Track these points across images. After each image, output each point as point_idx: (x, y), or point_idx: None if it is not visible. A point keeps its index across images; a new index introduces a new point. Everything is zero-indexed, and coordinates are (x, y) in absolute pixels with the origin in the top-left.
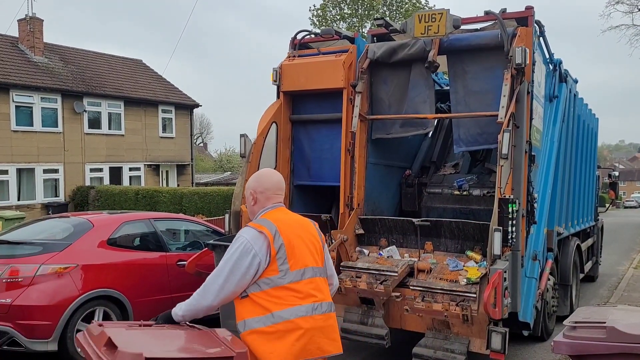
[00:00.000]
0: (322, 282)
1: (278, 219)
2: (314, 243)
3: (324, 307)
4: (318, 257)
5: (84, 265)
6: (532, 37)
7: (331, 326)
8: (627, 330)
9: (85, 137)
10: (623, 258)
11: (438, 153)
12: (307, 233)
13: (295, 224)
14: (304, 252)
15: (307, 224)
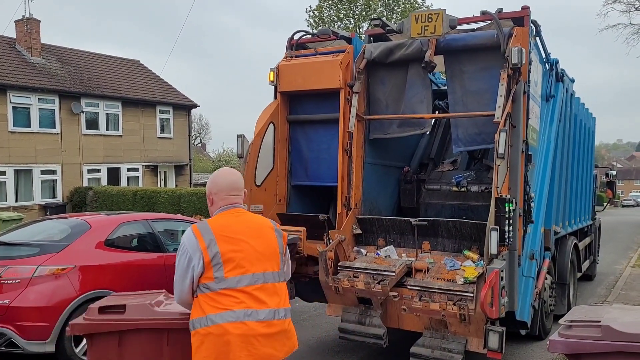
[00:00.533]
0: (271, 287)
1: (222, 224)
2: (267, 248)
3: (260, 315)
4: (269, 263)
5: (81, 266)
6: (528, 37)
7: (273, 335)
8: (623, 329)
9: (83, 137)
10: (621, 257)
11: (436, 150)
12: (258, 238)
13: (245, 228)
14: (246, 258)
15: (261, 228)
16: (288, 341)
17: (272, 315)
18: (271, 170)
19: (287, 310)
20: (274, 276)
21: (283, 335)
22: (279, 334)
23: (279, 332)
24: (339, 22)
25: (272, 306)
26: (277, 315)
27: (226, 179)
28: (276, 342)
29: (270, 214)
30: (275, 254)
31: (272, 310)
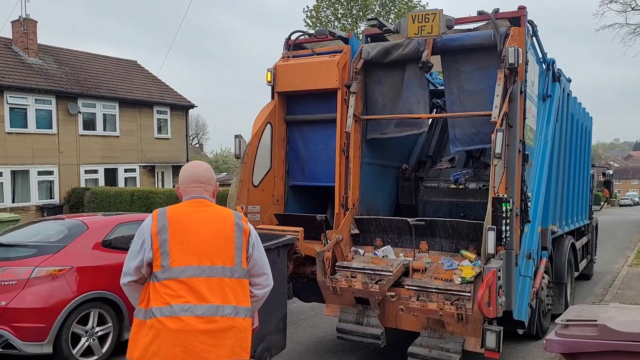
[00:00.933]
0: (218, 282)
1: (179, 212)
2: (219, 242)
3: (195, 310)
4: (220, 257)
5: (78, 267)
6: (524, 37)
7: (214, 332)
8: (619, 328)
9: (80, 138)
10: (618, 256)
11: (434, 148)
12: (211, 231)
13: (199, 220)
14: (193, 249)
15: (218, 221)
16: (237, 343)
17: (214, 311)
18: (268, 170)
19: (238, 309)
20: (224, 271)
21: (228, 333)
22: (222, 332)
23: (222, 329)
24: (336, 22)
25: (215, 302)
26: (221, 312)
27: (187, 171)
28: (218, 340)
29: (267, 214)
30: (229, 249)
31: (212, 305)
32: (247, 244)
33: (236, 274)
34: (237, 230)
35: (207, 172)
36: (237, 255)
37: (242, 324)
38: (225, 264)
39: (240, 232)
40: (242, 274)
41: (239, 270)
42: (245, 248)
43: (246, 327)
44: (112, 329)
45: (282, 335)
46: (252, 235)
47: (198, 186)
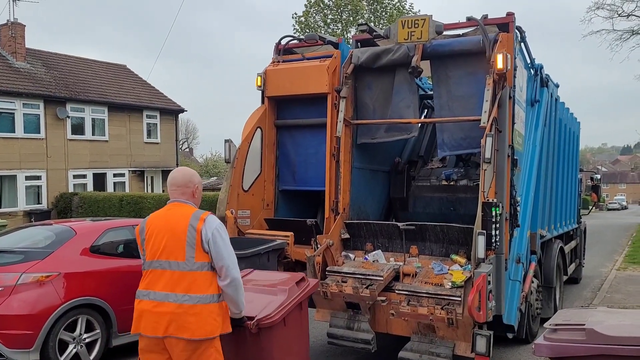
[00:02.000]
0: (170, 274)
1: (155, 215)
2: (174, 240)
3: (152, 296)
4: (173, 253)
5: (66, 273)
6: (513, 43)
7: (158, 313)
8: (606, 332)
9: (69, 143)
10: (606, 260)
11: (425, 147)
12: (169, 230)
13: (164, 221)
14: (155, 246)
15: (177, 221)
16: (182, 324)
17: (163, 297)
18: (259, 175)
19: (190, 297)
20: (178, 265)
21: (174, 316)
22: (167, 315)
23: (167, 312)
24: (326, 27)
25: (165, 290)
26: (169, 299)
27: (169, 176)
28: (162, 321)
29: (257, 218)
30: (180, 246)
31: (162, 293)
32: (200, 241)
33: (187, 268)
34: (190, 229)
35: (185, 177)
36: (188, 252)
37: (192, 308)
38: (177, 259)
39: (193, 231)
40: (193, 268)
41: (189, 265)
42: (199, 244)
43: (198, 312)
44: (100, 335)
45: None
46: (206, 233)
47: (175, 189)
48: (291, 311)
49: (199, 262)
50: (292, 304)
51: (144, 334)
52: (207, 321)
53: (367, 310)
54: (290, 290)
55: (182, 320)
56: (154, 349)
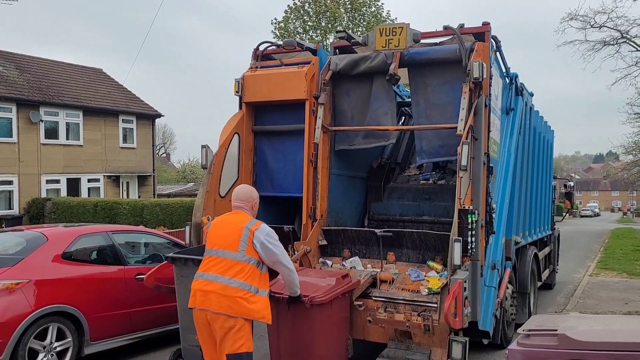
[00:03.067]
0: (222, 260)
1: (219, 217)
2: (230, 235)
3: (205, 276)
4: (227, 245)
5: (37, 280)
6: (489, 52)
7: (207, 291)
8: (577, 337)
9: (42, 147)
10: (579, 266)
11: (403, 154)
12: (228, 228)
13: (226, 221)
14: (214, 239)
15: (236, 223)
16: (224, 301)
17: (214, 278)
18: (236, 181)
19: (235, 281)
20: (231, 254)
21: (218, 295)
22: (213, 293)
23: (213, 291)
24: (305, 34)
25: (216, 273)
26: (218, 280)
27: (235, 191)
28: (210, 298)
29: None
30: (236, 240)
31: (213, 274)
32: (251, 239)
33: (238, 257)
34: (245, 229)
35: (247, 193)
36: (241, 245)
37: (236, 292)
38: (231, 249)
39: (248, 231)
40: (243, 259)
41: (240, 256)
42: (250, 242)
43: (238, 295)
44: (72, 344)
45: None
46: (258, 236)
47: (239, 202)
48: (337, 297)
49: (248, 255)
50: (338, 290)
51: (193, 306)
52: (244, 304)
53: None
54: (337, 280)
55: (224, 298)
56: (202, 320)
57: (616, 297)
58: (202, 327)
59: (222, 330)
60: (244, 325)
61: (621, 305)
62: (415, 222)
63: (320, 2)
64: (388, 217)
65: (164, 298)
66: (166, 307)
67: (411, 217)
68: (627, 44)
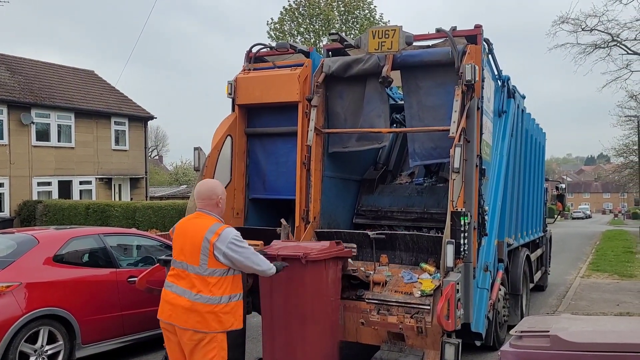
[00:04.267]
0: (186, 274)
1: (184, 221)
2: (190, 247)
3: (174, 289)
4: (188, 257)
5: (28, 283)
6: (481, 55)
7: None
8: (570, 339)
9: (33, 149)
10: (571, 267)
11: (394, 162)
12: (189, 238)
13: (186, 229)
14: (180, 249)
15: (196, 231)
16: (192, 317)
17: (181, 292)
18: (228, 183)
19: (202, 297)
20: (194, 268)
21: (186, 311)
22: (180, 308)
23: (181, 306)
24: (299, 37)
25: (183, 287)
26: (185, 295)
27: (195, 189)
28: (178, 313)
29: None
30: (197, 253)
31: (181, 288)
32: (212, 252)
33: (200, 272)
34: (205, 241)
35: (208, 189)
36: (202, 259)
37: (201, 307)
38: (193, 263)
39: (207, 243)
40: (205, 273)
41: (202, 270)
42: (211, 254)
43: (205, 310)
44: (63, 347)
45: (241, 352)
46: (218, 246)
47: (200, 201)
48: (331, 259)
49: (211, 268)
50: (333, 252)
51: (161, 318)
52: (213, 318)
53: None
54: (331, 244)
55: (191, 314)
56: (169, 329)
57: (607, 298)
58: (170, 336)
59: (191, 342)
60: (215, 337)
61: (612, 307)
62: (405, 212)
63: (313, 5)
64: (377, 208)
65: (156, 301)
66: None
67: (400, 208)
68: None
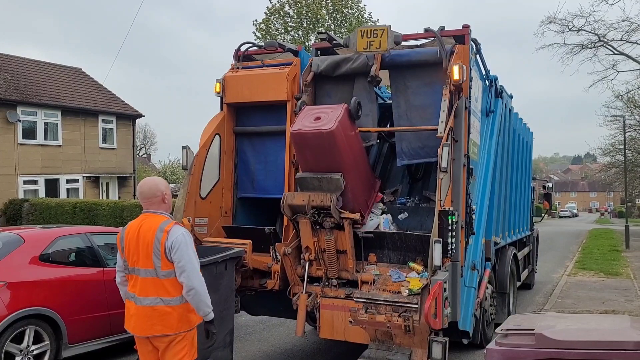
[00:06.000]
0: (141, 280)
1: (130, 225)
2: (142, 249)
3: (136, 299)
4: (141, 261)
5: (13, 282)
6: (469, 54)
7: (140, 316)
8: (554, 337)
9: (19, 147)
10: (558, 266)
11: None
12: (139, 240)
13: (135, 231)
14: (130, 254)
15: (146, 232)
16: (157, 324)
17: (137, 301)
18: (217, 182)
19: (162, 300)
20: (148, 272)
21: (150, 318)
22: (143, 317)
23: (144, 315)
24: (286, 35)
25: (144, 295)
26: (140, 302)
27: (137, 189)
28: (139, 321)
29: (215, 226)
30: (149, 257)
31: (140, 297)
32: (163, 252)
33: (156, 275)
34: (156, 242)
35: (150, 188)
36: (155, 262)
37: (163, 309)
38: (147, 267)
39: (158, 244)
40: (161, 275)
41: (157, 272)
42: (163, 255)
43: (167, 311)
44: (49, 347)
45: (229, 350)
46: (168, 243)
47: (145, 201)
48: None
49: (166, 270)
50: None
51: (128, 329)
52: (177, 319)
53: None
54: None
55: (155, 319)
56: (140, 339)
57: (593, 296)
58: (142, 344)
59: (162, 345)
60: (185, 336)
61: (598, 305)
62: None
63: (301, 3)
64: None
65: None
66: None
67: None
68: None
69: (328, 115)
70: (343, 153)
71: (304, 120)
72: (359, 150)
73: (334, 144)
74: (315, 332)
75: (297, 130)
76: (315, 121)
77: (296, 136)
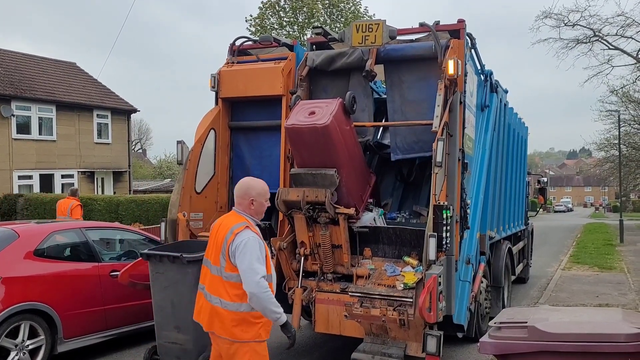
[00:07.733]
0: (211, 276)
1: (220, 218)
2: (215, 244)
3: (205, 293)
4: (212, 256)
5: (7, 277)
6: (464, 49)
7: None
8: (546, 329)
9: (14, 142)
10: (552, 260)
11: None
12: (218, 237)
13: (219, 225)
14: (209, 247)
15: (223, 229)
16: (221, 325)
17: (206, 295)
18: (212, 177)
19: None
20: (215, 269)
21: (216, 316)
22: (207, 310)
23: (211, 311)
24: (281, 29)
25: (210, 292)
26: (213, 301)
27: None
28: (204, 314)
29: (211, 221)
30: (218, 254)
31: (209, 293)
32: (228, 254)
33: (220, 274)
34: (224, 242)
35: (242, 189)
36: (221, 261)
37: (221, 310)
38: (216, 264)
39: (225, 244)
40: (224, 276)
41: (221, 272)
42: (228, 257)
43: (223, 314)
44: (45, 342)
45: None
46: (232, 246)
47: (236, 199)
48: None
49: (228, 272)
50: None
51: (198, 320)
52: (233, 325)
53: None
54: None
55: (215, 317)
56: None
57: (587, 290)
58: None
59: (222, 349)
60: (242, 346)
61: (592, 298)
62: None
63: None
64: None
65: (139, 295)
66: (141, 304)
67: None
68: (600, 42)
69: (322, 110)
70: (338, 148)
71: (298, 115)
72: (354, 145)
73: (329, 138)
74: (310, 326)
75: (291, 125)
76: (309, 116)
77: (290, 131)
